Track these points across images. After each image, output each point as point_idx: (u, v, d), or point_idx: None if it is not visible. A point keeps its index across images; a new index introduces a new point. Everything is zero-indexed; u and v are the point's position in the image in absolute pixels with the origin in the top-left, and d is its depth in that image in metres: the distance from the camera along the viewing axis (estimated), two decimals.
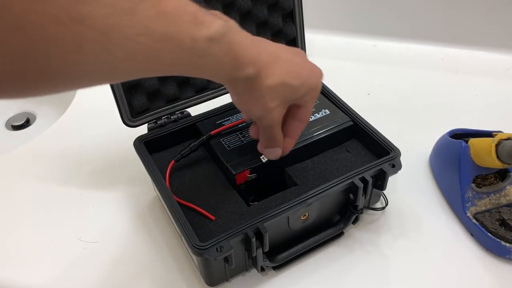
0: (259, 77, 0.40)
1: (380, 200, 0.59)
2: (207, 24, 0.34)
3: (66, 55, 0.26)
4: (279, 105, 0.43)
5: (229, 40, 0.36)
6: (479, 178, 0.57)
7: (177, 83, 0.58)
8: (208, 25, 0.34)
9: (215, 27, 0.35)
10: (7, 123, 0.92)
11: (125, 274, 0.53)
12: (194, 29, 0.33)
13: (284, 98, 0.43)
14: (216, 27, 0.35)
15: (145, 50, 0.30)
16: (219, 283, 0.52)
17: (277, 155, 0.49)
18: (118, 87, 0.54)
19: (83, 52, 0.26)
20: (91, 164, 0.67)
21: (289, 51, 0.45)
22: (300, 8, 0.63)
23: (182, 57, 0.33)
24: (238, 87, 0.41)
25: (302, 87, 0.44)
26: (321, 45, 0.89)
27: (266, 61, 0.41)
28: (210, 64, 0.36)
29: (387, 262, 0.54)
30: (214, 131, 0.57)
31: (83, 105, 0.77)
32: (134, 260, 0.54)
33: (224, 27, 0.35)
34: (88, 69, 0.28)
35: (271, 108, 0.43)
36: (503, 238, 0.53)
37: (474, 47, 0.86)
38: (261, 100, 0.42)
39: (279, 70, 0.42)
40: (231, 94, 0.44)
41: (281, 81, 0.42)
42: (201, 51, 0.34)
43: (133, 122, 0.57)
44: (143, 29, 0.29)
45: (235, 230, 0.45)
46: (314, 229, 0.53)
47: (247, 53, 0.38)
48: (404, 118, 0.74)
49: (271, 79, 0.41)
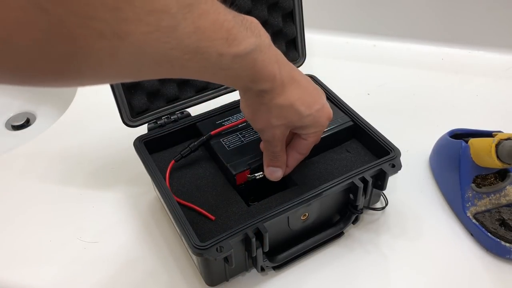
0: (272, 93, 0.41)
1: (380, 200, 0.59)
2: (238, 42, 0.35)
3: (99, 61, 0.27)
4: (282, 125, 0.45)
5: (254, 58, 0.38)
6: (479, 178, 0.57)
7: (177, 83, 0.58)
8: (238, 43, 0.35)
9: (244, 46, 0.36)
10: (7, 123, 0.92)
11: (125, 274, 0.53)
12: (224, 46, 0.34)
13: (289, 121, 0.45)
14: (245, 45, 0.36)
15: (173, 60, 0.31)
16: (219, 283, 0.51)
17: (277, 177, 0.51)
18: (118, 87, 0.54)
19: (115, 59, 0.27)
20: (91, 164, 0.67)
21: (310, 83, 0.46)
22: (300, 8, 0.63)
23: (205, 67, 0.35)
24: (251, 96, 0.43)
25: (308, 117, 0.45)
26: (321, 45, 0.89)
27: (283, 81, 0.42)
28: (230, 75, 0.38)
29: (387, 262, 0.54)
30: (214, 131, 0.57)
31: (83, 105, 0.77)
32: (134, 260, 0.54)
33: (253, 45, 0.37)
34: (114, 72, 0.29)
35: (273, 125, 0.44)
36: (503, 238, 0.53)
37: (474, 47, 0.86)
38: (266, 114, 0.44)
39: (293, 93, 0.43)
40: (241, 100, 0.45)
41: (290, 103, 0.43)
42: (225, 64, 0.36)
43: (133, 122, 0.57)
44: (177, 44, 0.30)
45: (235, 230, 0.45)
46: (314, 229, 0.53)
47: (268, 70, 0.40)
48: (404, 118, 0.74)
49: (282, 99, 0.42)
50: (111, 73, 0.30)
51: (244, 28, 0.37)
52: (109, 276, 0.53)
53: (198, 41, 0.32)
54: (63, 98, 0.89)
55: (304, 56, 0.66)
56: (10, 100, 0.96)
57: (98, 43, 0.26)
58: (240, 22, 0.36)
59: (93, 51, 0.26)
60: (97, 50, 0.26)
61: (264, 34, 0.40)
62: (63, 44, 0.25)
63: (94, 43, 0.25)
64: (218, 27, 0.33)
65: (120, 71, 0.30)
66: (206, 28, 0.32)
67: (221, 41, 0.34)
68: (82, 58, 0.26)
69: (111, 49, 0.27)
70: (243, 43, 0.36)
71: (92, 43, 0.25)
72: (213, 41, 0.33)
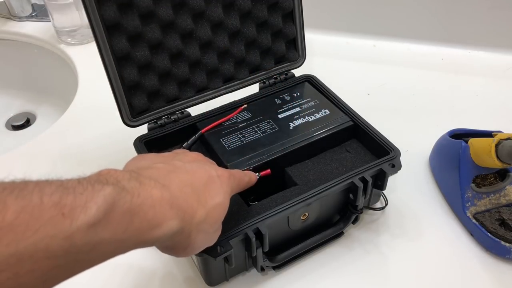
0: (183, 233, 0.36)
1: (380, 200, 0.59)
2: (77, 214, 0.27)
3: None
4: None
5: (123, 211, 0.30)
6: (479, 178, 0.57)
7: (177, 83, 0.59)
8: (77, 216, 0.27)
9: (93, 210, 0.28)
10: (7, 123, 0.93)
11: (125, 274, 0.53)
12: (59, 228, 0.26)
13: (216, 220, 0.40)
14: (95, 208, 0.28)
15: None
16: (219, 283, 0.52)
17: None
18: (118, 87, 0.54)
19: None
20: (91, 164, 0.66)
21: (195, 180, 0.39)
22: (300, 8, 0.63)
23: (58, 265, 0.27)
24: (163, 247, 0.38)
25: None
26: (321, 45, 0.89)
27: (185, 216, 0.36)
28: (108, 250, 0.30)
29: (387, 262, 0.54)
30: (204, 129, 0.57)
31: (83, 105, 0.77)
32: (134, 260, 0.54)
33: (108, 196, 0.29)
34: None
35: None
36: (503, 238, 0.53)
37: (474, 47, 0.86)
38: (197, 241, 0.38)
39: (200, 228, 0.38)
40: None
41: (204, 230, 0.38)
42: (82, 246, 0.28)
43: (133, 122, 0.57)
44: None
45: (235, 230, 0.45)
46: (314, 229, 0.53)
47: (155, 213, 0.33)
48: (404, 118, 0.74)
49: (195, 234, 0.38)
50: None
51: (80, 192, 0.28)
52: (109, 276, 0.53)
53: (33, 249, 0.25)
54: (63, 98, 0.89)
55: (304, 56, 0.66)
56: (10, 100, 0.97)
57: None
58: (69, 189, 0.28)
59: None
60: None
61: (124, 176, 0.32)
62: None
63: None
64: (37, 224, 0.26)
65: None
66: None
67: (50, 228, 0.26)
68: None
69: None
70: (81, 216, 0.27)
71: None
72: (42, 240, 0.25)
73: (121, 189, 0.30)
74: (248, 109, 0.61)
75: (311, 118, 0.58)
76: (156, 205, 0.33)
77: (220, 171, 0.41)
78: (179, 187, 0.36)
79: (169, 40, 0.56)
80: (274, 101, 0.62)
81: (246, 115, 0.60)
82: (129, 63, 0.54)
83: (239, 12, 0.59)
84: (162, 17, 0.54)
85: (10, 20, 0.95)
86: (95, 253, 0.29)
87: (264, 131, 0.57)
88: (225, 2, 0.57)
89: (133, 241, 0.32)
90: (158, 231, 0.33)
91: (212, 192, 0.39)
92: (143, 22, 0.53)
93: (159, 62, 0.56)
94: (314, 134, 0.56)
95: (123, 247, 0.31)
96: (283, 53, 0.65)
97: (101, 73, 0.53)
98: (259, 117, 0.59)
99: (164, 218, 0.33)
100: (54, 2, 0.83)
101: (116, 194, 0.30)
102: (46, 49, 0.91)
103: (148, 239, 0.33)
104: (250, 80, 0.64)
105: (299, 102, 0.61)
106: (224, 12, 0.58)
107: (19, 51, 0.94)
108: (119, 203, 0.30)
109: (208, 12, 0.57)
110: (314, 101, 0.61)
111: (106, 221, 0.29)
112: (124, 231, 0.30)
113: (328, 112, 0.59)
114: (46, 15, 0.91)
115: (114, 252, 0.31)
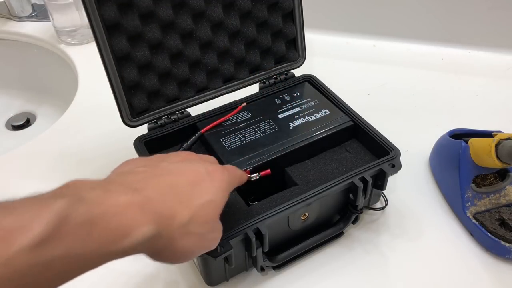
0: (162, 238, 0.35)
1: (380, 200, 0.59)
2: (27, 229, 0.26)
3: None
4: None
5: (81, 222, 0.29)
6: (479, 178, 0.57)
7: (177, 83, 0.59)
8: (31, 231, 0.26)
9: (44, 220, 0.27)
10: (7, 123, 0.93)
11: (125, 274, 0.53)
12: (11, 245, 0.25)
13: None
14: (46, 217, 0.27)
15: None
16: (219, 283, 0.52)
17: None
18: (118, 87, 0.54)
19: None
20: (91, 164, 0.67)
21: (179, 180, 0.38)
22: (300, 8, 0.63)
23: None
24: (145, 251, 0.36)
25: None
26: (321, 45, 0.89)
27: (155, 217, 0.34)
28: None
29: (387, 262, 0.54)
30: (204, 129, 0.57)
31: (83, 105, 0.77)
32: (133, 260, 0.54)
33: (61, 209, 0.28)
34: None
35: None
36: (503, 238, 0.53)
37: (474, 47, 0.86)
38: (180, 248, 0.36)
39: (186, 233, 0.36)
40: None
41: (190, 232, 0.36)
42: (29, 266, 0.26)
43: (133, 122, 0.57)
44: None
45: (235, 230, 0.45)
46: (314, 229, 0.53)
47: (125, 221, 0.31)
48: (404, 118, 0.74)
49: (178, 240, 0.36)
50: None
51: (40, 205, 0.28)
52: (109, 276, 0.53)
53: None
54: (63, 98, 0.89)
55: (304, 56, 0.66)
56: (10, 100, 0.97)
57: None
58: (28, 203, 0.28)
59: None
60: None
61: (86, 187, 0.31)
62: None
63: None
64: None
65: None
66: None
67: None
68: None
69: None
70: (19, 238, 0.26)
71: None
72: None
73: (76, 200, 0.29)
74: (248, 109, 0.61)
75: (311, 118, 0.58)
76: (122, 213, 0.31)
77: (211, 167, 0.40)
78: (157, 190, 0.35)
79: (169, 40, 0.56)
80: (274, 101, 0.62)
81: (246, 115, 0.60)
82: (129, 63, 0.54)
83: (239, 12, 0.59)
84: (162, 17, 0.54)
85: (10, 20, 0.95)
86: (51, 273, 0.27)
87: (264, 131, 0.57)
88: (225, 2, 0.57)
89: (99, 253, 0.30)
90: (128, 240, 0.31)
91: (200, 190, 0.37)
92: (143, 22, 0.53)
93: (159, 62, 0.56)
94: (314, 134, 0.56)
95: (89, 262, 0.30)
96: (283, 53, 0.65)
97: (101, 73, 0.53)
98: (259, 117, 0.59)
99: (133, 225, 0.31)
100: (54, 2, 0.84)
101: (69, 207, 0.28)
102: (46, 49, 0.91)
103: (118, 249, 0.30)
104: (250, 80, 0.64)
105: (299, 102, 0.61)
106: (224, 12, 0.58)
107: (19, 51, 0.94)
108: (72, 215, 0.28)
109: (208, 12, 0.57)
110: (314, 101, 0.61)
111: (57, 236, 0.27)
112: (83, 244, 0.28)
113: (328, 112, 0.59)
114: (46, 15, 0.91)
115: (79, 268, 0.29)
